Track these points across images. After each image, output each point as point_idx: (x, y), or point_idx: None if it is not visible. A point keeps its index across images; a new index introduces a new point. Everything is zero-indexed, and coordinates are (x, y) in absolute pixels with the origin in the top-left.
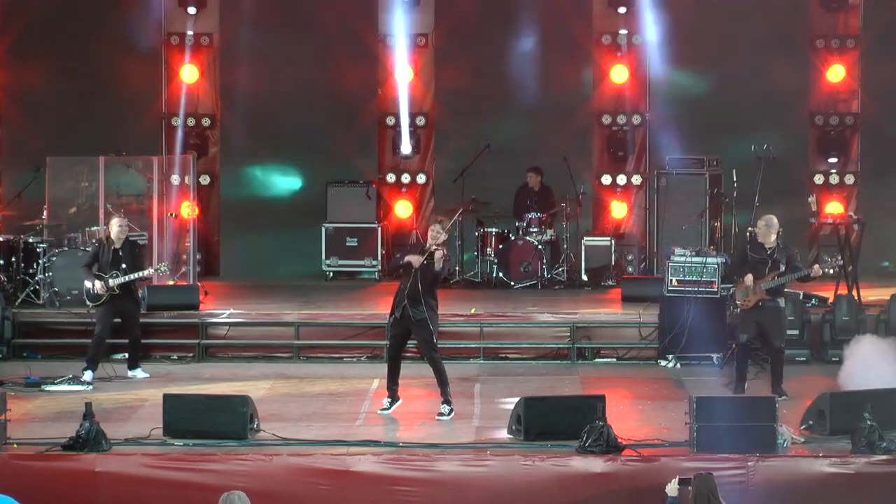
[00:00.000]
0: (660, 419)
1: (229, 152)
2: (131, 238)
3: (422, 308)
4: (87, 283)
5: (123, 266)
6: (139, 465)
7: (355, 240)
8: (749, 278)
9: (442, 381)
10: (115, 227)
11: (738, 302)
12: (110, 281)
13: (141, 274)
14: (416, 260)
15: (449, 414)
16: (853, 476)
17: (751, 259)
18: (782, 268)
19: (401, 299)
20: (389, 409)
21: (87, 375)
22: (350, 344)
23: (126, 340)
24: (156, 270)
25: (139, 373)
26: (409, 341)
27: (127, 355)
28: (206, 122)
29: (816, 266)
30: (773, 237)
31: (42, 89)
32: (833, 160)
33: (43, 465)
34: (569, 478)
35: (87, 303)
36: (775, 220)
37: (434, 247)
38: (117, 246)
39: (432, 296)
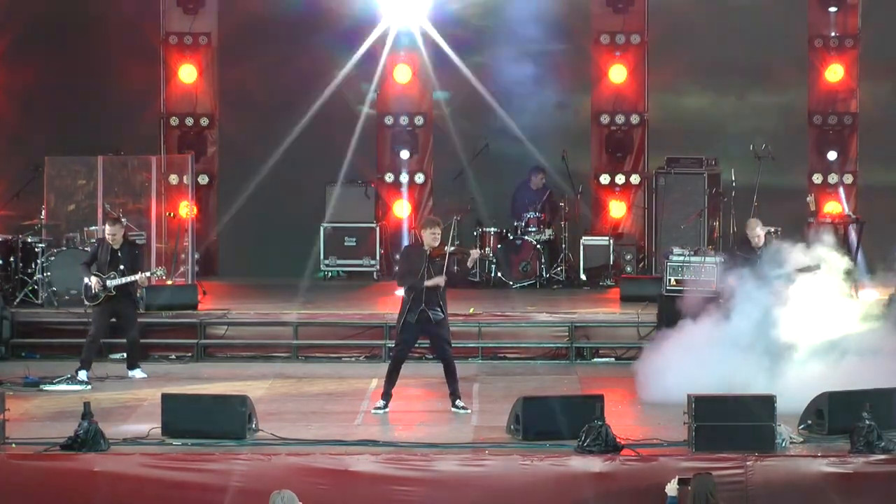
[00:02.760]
0: (658, 419)
1: (228, 152)
2: (131, 238)
3: (439, 310)
4: (86, 281)
5: (121, 267)
6: (138, 464)
7: (354, 239)
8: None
9: (455, 378)
10: (105, 233)
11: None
12: (108, 282)
13: (137, 277)
14: (442, 281)
15: (465, 408)
16: (852, 476)
17: (739, 258)
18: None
19: (416, 304)
20: (384, 409)
21: (82, 375)
22: (349, 344)
23: (124, 340)
24: (152, 274)
25: (138, 373)
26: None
27: (125, 355)
28: (204, 121)
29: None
30: (761, 236)
31: (40, 88)
32: (832, 159)
33: (41, 464)
34: (567, 477)
35: (85, 302)
36: (759, 223)
37: (450, 248)
38: (116, 247)
39: (445, 297)
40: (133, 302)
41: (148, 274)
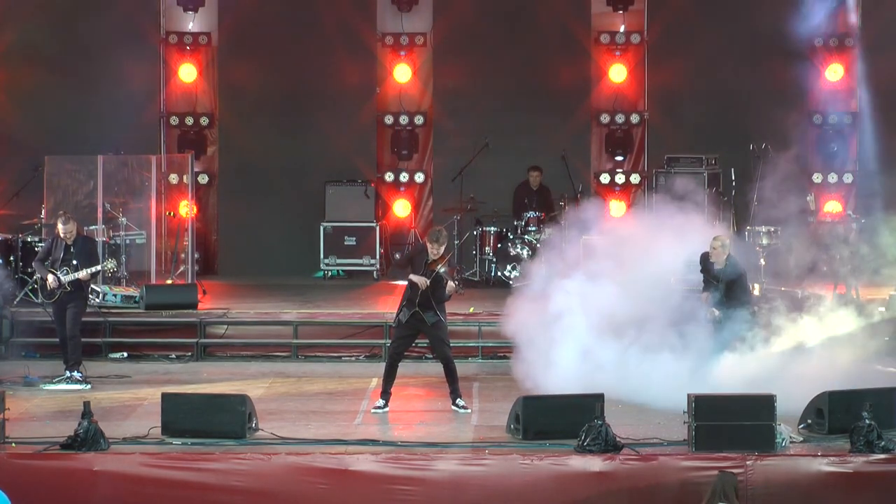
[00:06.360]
0: (658, 418)
1: (227, 152)
2: (85, 233)
3: (434, 312)
4: (40, 278)
5: (74, 262)
6: (137, 464)
7: (353, 239)
8: (705, 296)
9: (455, 378)
10: (60, 232)
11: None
12: (62, 278)
13: (89, 271)
14: (422, 282)
15: (465, 407)
16: (852, 475)
17: (703, 277)
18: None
19: (410, 306)
20: (384, 409)
21: (77, 374)
22: (348, 343)
23: (121, 340)
24: (102, 267)
25: (76, 374)
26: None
27: (124, 354)
28: (204, 120)
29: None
30: (724, 258)
31: (40, 88)
32: (831, 157)
33: (41, 464)
34: (567, 477)
35: (42, 298)
36: (728, 241)
37: (442, 269)
38: (69, 242)
39: (442, 301)
40: (84, 298)
41: (99, 268)
